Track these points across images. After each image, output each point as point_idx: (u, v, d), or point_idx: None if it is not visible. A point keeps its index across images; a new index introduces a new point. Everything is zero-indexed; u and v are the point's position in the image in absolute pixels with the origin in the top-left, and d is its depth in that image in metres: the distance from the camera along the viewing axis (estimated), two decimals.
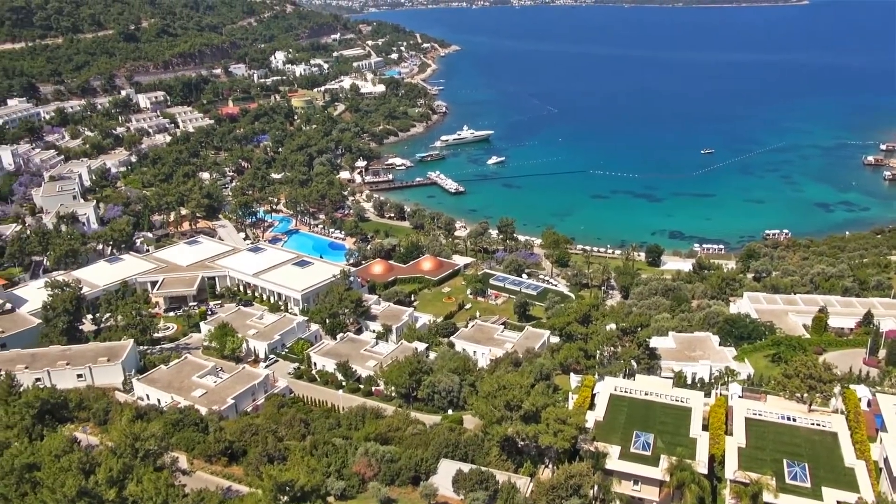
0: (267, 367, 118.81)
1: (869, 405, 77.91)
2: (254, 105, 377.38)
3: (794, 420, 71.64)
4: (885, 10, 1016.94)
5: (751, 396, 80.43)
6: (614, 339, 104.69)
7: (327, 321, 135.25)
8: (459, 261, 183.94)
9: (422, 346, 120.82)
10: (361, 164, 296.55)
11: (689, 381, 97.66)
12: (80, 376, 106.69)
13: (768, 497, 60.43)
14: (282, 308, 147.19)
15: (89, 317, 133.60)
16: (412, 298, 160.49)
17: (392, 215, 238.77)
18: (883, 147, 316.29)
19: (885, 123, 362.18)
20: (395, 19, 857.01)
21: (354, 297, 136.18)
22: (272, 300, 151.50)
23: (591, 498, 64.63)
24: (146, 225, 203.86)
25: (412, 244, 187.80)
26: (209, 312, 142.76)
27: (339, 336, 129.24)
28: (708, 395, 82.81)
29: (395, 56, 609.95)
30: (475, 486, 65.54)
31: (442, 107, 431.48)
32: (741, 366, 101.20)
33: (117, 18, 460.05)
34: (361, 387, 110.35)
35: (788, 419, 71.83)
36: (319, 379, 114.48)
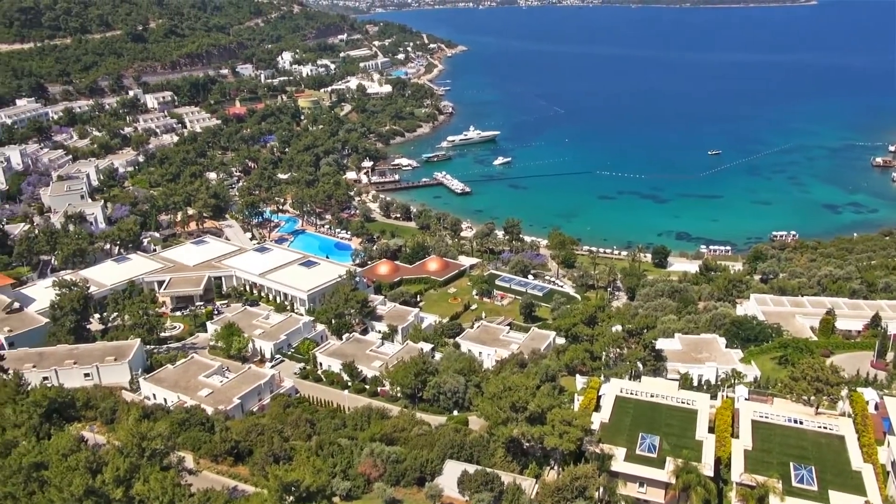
0: (273, 366, 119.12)
1: (876, 408, 77.53)
2: (261, 105, 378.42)
3: (801, 423, 71.31)
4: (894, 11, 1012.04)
5: (757, 399, 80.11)
6: (620, 340, 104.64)
7: (333, 321, 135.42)
8: (465, 261, 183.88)
9: (427, 347, 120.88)
10: (368, 164, 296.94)
11: (695, 383, 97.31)
12: (87, 375, 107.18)
13: (775, 500, 60.18)
14: (288, 308, 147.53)
15: (96, 316, 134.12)
16: (418, 299, 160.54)
17: (398, 216, 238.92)
18: (891, 148, 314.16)
19: (892, 124, 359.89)
20: (401, 20, 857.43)
21: (360, 297, 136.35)
22: (278, 300, 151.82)
23: (596, 500, 64.55)
24: (153, 225, 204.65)
25: (418, 245, 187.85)
26: (215, 312, 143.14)
27: (344, 336, 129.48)
28: (714, 398, 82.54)
29: (401, 56, 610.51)
30: (480, 488, 65.56)
31: (448, 107, 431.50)
32: (748, 368, 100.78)
33: (125, 19, 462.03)
34: (367, 387, 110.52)
35: (795, 422, 71.49)
36: (325, 379, 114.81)
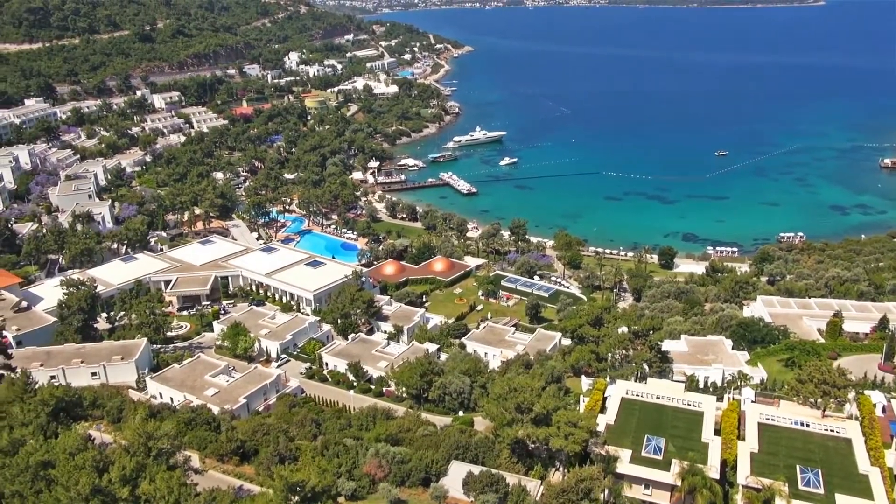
0: (279, 366, 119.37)
1: (884, 411, 77.18)
2: (267, 105, 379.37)
3: (808, 426, 70.97)
4: None
5: (764, 401, 79.79)
6: (626, 341, 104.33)
7: (339, 321, 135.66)
8: (471, 262, 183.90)
9: (433, 347, 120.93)
10: (374, 164, 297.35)
11: (701, 385, 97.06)
12: (94, 374, 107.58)
13: (781, 503, 59.97)
14: (294, 308, 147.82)
15: (104, 315, 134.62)
16: (424, 299, 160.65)
17: (404, 216, 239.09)
18: None
19: None
20: (408, 20, 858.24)
21: (366, 297, 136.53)
22: (284, 300, 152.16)
23: (601, 502, 64.38)
24: (160, 224, 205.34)
25: (424, 245, 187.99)
26: (222, 312, 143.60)
27: (350, 336, 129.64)
28: (720, 400, 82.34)
29: (408, 57, 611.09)
30: (485, 489, 65.48)
31: (455, 108, 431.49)
32: (754, 370, 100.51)
33: (133, 19, 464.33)
34: (373, 387, 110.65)
35: (802, 425, 71.16)
36: (331, 379, 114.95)
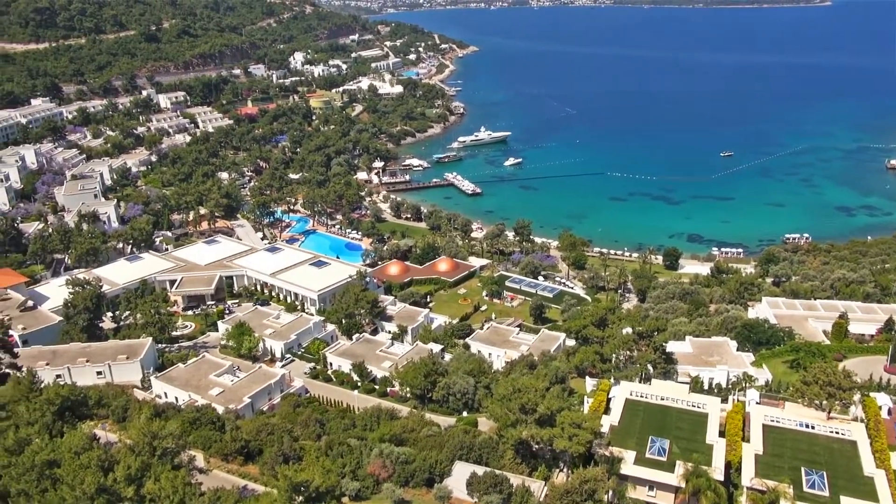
0: (283, 366, 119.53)
1: (889, 413, 76.89)
2: (272, 105, 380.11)
3: (813, 427, 70.78)
4: None
5: (769, 403, 79.58)
6: (630, 342, 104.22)
7: (343, 321, 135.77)
8: (475, 262, 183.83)
9: (437, 348, 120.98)
10: (379, 164, 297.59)
11: (705, 387, 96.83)
12: (99, 373, 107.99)
13: None
14: (298, 308, 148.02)
15: (109, 314, 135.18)
16: (428, 300, 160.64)
17: (409, 216, 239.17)
18: None
19: None
20: (413, 20, 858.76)
21: (370, 297, 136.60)
22: (289, 300, 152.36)
23: (605, 503, 64.35)
24: (165, 224, 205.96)
25: (428, 245, 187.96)
26: (227, 311, 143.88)
27: (354, 336, 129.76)
28: (725, 401, 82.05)
29: (412, 57, 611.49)
30: (489, 490, 65.52)
31: (459, 108, 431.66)
32: (759, 372, 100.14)
33: (139, 19, 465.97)
34: (377, 387, 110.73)
35: (807, 426, 70.98)
36: (335, 379, 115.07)
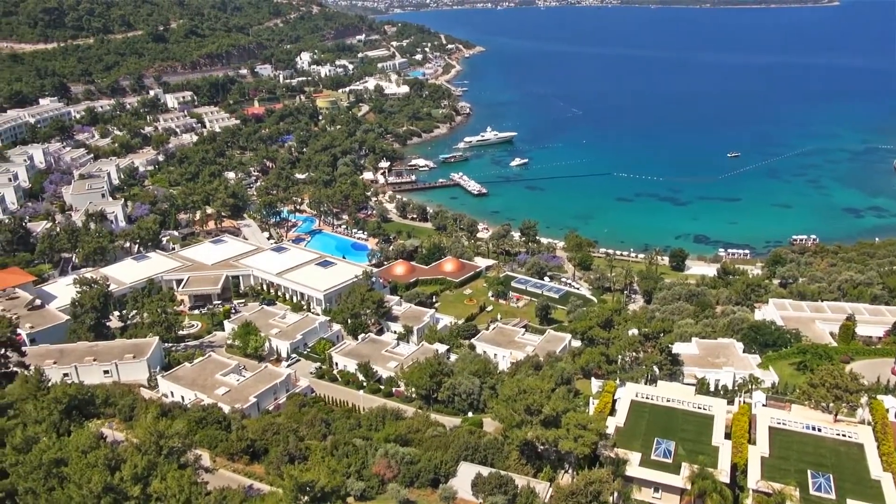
0: (289, 366, 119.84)
1: None
2: (279, 105, 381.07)
3: (820, 430, 70.61)
4: None
5: (775, 405, 79.43)
6: (636, 344, 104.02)
7: (349, 321, 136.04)
8: (481, 263, 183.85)
9: (443, 348, 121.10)
10: (385, 164, 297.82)
11: (712, 389, 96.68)
12: (106, 372, 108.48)
13: None
14: (304, 308, 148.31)
15: (116, 314, 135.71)
16: (434, 300, 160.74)
17: (415, 216, 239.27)
18: None
19: None
20: (419, 20, 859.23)
21: (376, 297, 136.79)
22: (295, 300, 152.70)
23: None
24: (172, 223, 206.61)
25: (434, 245, 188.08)
26: (233, 311, 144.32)
27: (360, 336, 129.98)
28: (731, 403, 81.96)
29: (419, 57, 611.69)
30: (494, 490, 65.53)
31: (466, 108, 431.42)
32: (765, 374, 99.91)
33: (146, 19, 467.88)
34: (382, 388, 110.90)
35: (813, 429, 70.81)
36: (340, 379, 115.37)
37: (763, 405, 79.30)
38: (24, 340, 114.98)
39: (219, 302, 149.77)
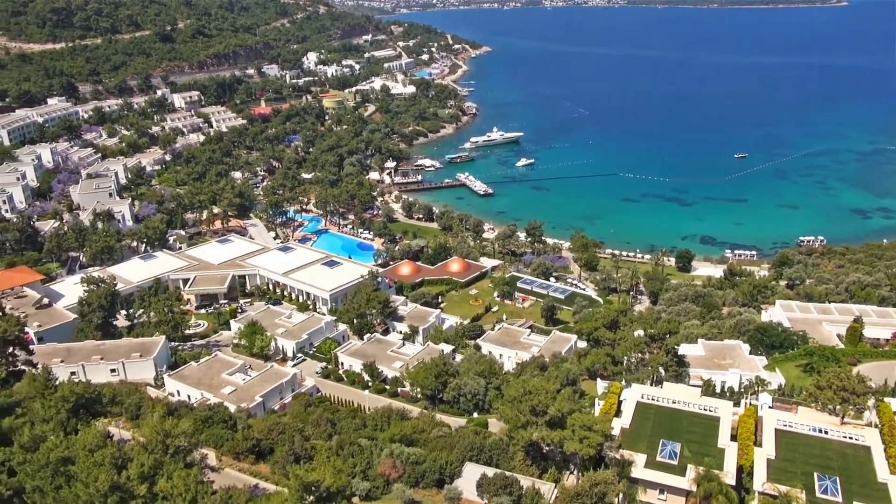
0: (294, 365, 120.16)
1: None
2: (286, 105, 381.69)
3: (826, 432, 70.30)
4: None
5: (781, 407, 79.09)
6: (642, 345, 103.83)
7: (355, 321, 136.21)
8: (487, 263, 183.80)
9: (448, 348, 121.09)
10: (391, 164, 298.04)
11: (718, 390, 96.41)
12: (113, 371, 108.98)
13: None
14: (310, 307, 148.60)
15: (123, 313, 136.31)
16: (439, 300, 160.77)
17: (420, 216, 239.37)
18: None
19: None
20: (426, 20, 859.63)
21: (382, 297, 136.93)
22: (301, 299, 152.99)
23: None
24: (179, 223, 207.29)
25: (440, 246, 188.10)
26: (239, 310, 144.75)
27: (366, 336, 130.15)
28: (737, 405, 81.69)
29: (425, 57, 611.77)
30: (499, 491, 65.60)
31: (472, 108, 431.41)
32: (772, 375, 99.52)
33: (154, 19, 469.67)
34: (387, 388, 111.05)
35: (820, 431, 70.50)
36: (346, 379, 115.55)
37: (769, 407, 78.94)
38: (31, 339, 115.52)
39: (225, 301, 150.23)
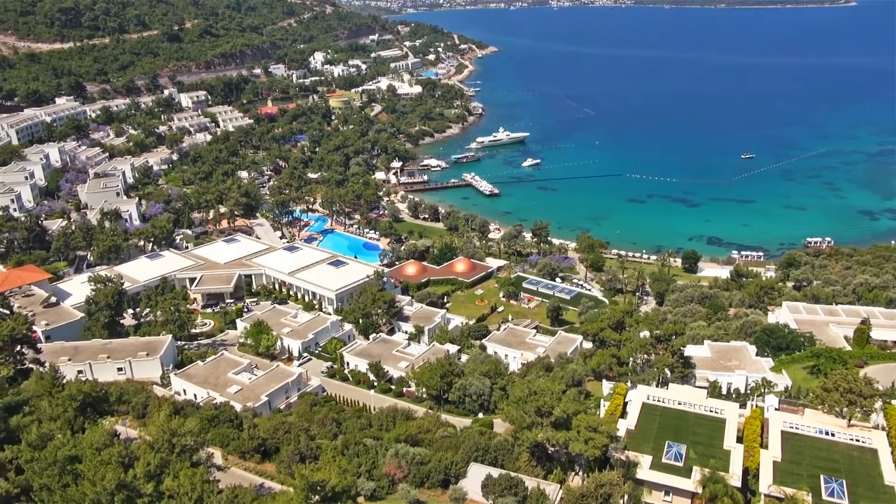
0: (300, 365, 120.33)
1: None
2: (292, 105, 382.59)
3: (833, 435, 70.12)
4: None
5: (788, 409, 78.83)
6: (648, 346, 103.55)
7: (360, 321, 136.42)
8: (493, 263, 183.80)
9: (454, 349, 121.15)
10: (397, 164, 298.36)
11: (724, 392, 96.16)
12: (120, 370, 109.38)
13: None
14: (316, 307, 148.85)
15: (130, 311, 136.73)
16: (445, 300, 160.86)
17: (426, 216, 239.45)
18: None
19: None
20: (432, 20, 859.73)
21: (387, 297, 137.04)
22: (307, 299, 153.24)
23: None
24: (186, 222, 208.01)
25: (446, 246, 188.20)
26: (245, 310, 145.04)
27: (371, 336, 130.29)
28: (743, 407, 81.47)
29: (432, 57, 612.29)
30: (504, 492, 65.61)
31: (478, 108, 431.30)
32: (778, 377, 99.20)
33: (161, 19, 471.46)
34: (393, 387, 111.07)
35: (826, 434, 70.32)
36: (351, 378, 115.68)
37: (776, 409, 78.71)
38: (39, 337, 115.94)
39: (231, 301, 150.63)
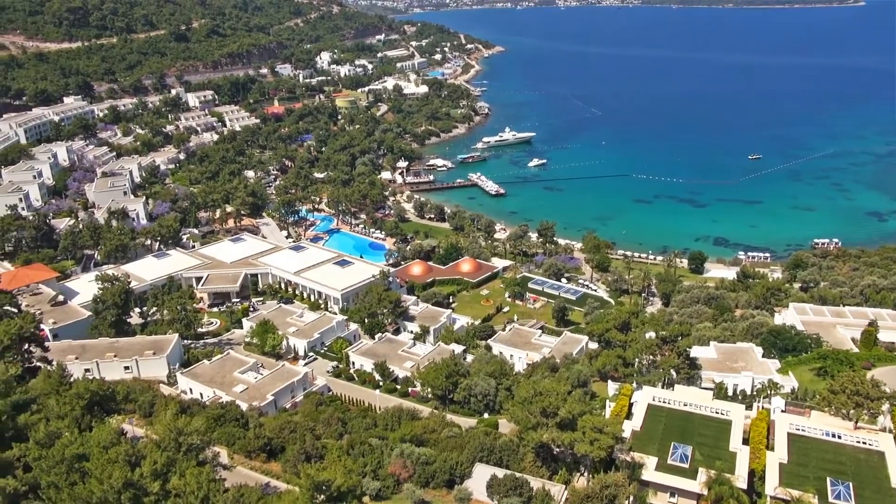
0: (306, 364, 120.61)
1: None
2: (299, 105, 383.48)
3: (840, 437, 69.76)
4: None
5: (794, 411, 78.63)
6: (654, 347, 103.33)
7: (366, 321, 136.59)
8: (498, 263, 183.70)
9: (459, 349, 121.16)
10: (403, 164, 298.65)
11: (730, 393, 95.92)
12: (127, 368, 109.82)
13: None
14: (322, 307, 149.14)
15: (137, 310, 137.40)
16: (450, 300, 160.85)
17: (432, 216, 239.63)
18: None
19: None
20: (439, 20, 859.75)
21: (393, 297, 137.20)
22: (312, 298, 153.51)
23: None
24: (192, 221, 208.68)
25: (451, 246, 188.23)
26: (251, 309, 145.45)
27: (377, 336, 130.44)
28: (749, 408, 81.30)
29: (438, 57, 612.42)
30: (509, 492, 65.61)
31: (484, 108, 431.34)
32: (785, 379, 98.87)
33: (169, 19, 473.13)
34: (398, 387, 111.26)
35: (833, 436, 69.97)
36: (357, 378, 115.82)
37: (782, 411, 78.44)
38: (47, 336, 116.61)
39: (237, 300, 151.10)
